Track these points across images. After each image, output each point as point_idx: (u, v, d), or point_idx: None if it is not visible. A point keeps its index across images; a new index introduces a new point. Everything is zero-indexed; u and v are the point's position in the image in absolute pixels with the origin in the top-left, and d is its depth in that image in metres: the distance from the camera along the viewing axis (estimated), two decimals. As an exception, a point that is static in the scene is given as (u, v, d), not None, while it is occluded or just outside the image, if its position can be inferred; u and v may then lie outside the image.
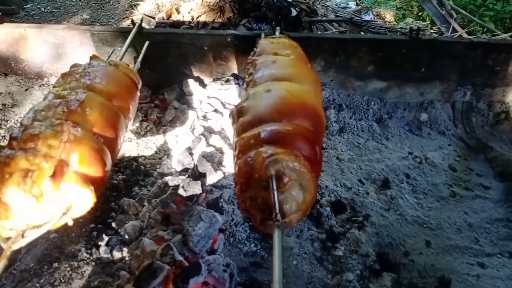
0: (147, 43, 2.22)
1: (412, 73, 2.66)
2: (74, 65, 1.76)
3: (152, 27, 4.05)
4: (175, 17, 4.23)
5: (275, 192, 1.15)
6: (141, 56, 2.11)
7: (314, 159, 1.29)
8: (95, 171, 1.40)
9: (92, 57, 1.81)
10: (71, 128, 1.40)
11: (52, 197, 1.27)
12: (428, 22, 5.28)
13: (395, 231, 1.96)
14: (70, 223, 1.36)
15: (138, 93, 1.87)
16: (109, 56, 1.98)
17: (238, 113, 1.44)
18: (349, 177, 2.23)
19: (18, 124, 2.36)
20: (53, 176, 1.26)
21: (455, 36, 4.14)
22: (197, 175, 1.95)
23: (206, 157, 2.02)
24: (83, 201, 1.36)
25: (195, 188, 1.84)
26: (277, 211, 1.15)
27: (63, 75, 1.70)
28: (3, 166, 1.25)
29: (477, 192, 2.27)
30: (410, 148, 2.53)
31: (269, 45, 1.89)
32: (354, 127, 2.60)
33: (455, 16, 4.89)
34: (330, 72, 2.63)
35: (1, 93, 2.54)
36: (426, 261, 1.84)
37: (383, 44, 2.59)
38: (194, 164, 2.02)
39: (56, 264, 1.67)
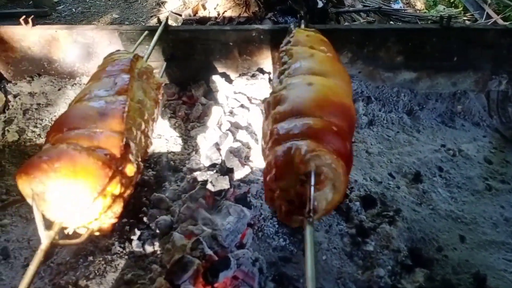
0: (164, 64, 2.32)
1: (444, 62, 2.57)
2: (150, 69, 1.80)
3: (179, 24, 4.10)
4: (201, 13, 4.26)
5: (312, 188, 1.14)
6: (162, 70, 2.17)
7: (348, 160, 1.28)
8: None
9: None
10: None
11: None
12: (461, 9, 5.08)
13: (427, 226, 1.91)
14: None
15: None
16: (134, 49, 2.02)
17: (275, 100, 1.43)
18: (379, 171, 2.19)
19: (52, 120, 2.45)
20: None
21: (489, 23, 3.98)
22: (225, 170, 1.97)
23: (234, 152, 2.03)
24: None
25: (223, 183, 1.86)
26: (311, 207, 1.14)
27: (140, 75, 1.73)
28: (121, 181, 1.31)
29: (514, 186, 2.18)
30: (443, 140, 2.45)
31: (304, 38, 1.86)
32: (383, 119, 2.55)
33: (489, 1, 4.70)
34: (357, 63, 2.58)
35: (36, 93, 2.63)
36: (460, 256, 1.79)
37: (412, 34, 2.51)
38: (221, 159, 2.04)
39: (91, 258, 1.73)
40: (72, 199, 1.22)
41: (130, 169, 1.37)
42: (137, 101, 1.58)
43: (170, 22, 4.32)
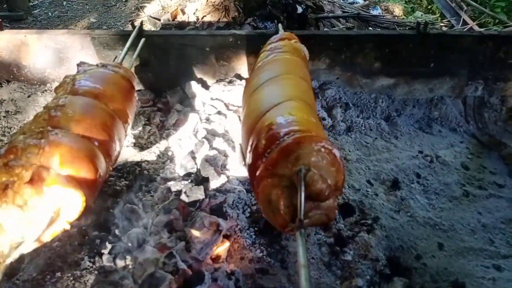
0: (142, 40, 2.19)
1: (421, 68, 2.59)
2: (66, 76, 1.74)
3: (158, 29, 4.04)
4: (180, 18, 4.22)
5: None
6: (136, 53, 2.07)
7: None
8: (83, 172, 1.36)
9: (79, 64, 1.78)
10: (49, 133, 1.36)
11: (37, 203, 1.25)
12: (438, 15, 5.17)
13: (406, 234, 1.89)
14: (67, 227, 1.33)
15: (136, 94, 1.83)
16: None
17: None
18: (357, 178, 2.17)
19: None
20: (31, 181, 1.24)
21: (465, 29, 4.04)
22: (200, 179, 1.91)
23: (209, 161, 1.98)
24: (73, 203, 1.32)
25: (198, 194, 1.81)
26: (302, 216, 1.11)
27: (55, 89, 1.68)
28: None
29: (491, 191, 2.19)
30: (420, 147, 2.45)
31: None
32: (361, 126, 2.53)
33: (465, 8, 4.79)
34: (335, 70, 2.57)
35: (4, 100, 2.53)
36: (438, 264, 1.78)
37: (389, 40, 2.52)
38: (197, 168, 1.98)
39: (58, 274, 1.64)
40: None
41: None
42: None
43: (148, 27, 4.27)
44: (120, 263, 1.65)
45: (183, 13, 4.24)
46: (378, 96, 2.64)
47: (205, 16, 4.01)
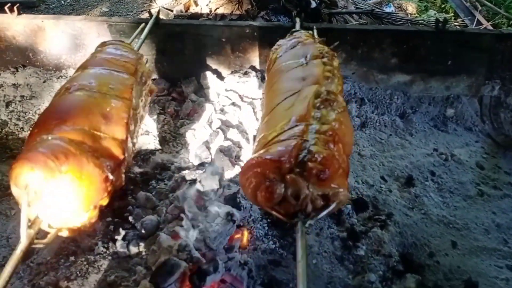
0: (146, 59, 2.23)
1: (438, 66, 2.56)
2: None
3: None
4: (193, 9, 4.20)
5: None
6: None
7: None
8: None
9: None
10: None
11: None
12: (452, 14, 5.12)
13: (419, 231, 1.89)
14: None
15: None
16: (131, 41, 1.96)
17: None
18: (371, 173, 2.16)
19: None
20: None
21: (480, 29, 4.00)
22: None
23: (224, 151, 1.98)
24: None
25: (213, 183, 1.80)
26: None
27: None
28: None
29: (505, 191, 2.17)
30: (435, 145, 2.44)
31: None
32: (376, 122, 2.52)
33: (479, 8, 4.74)
34: (351, 64, 2.55)
35: (20, 85, 2.53)
36: (452, 262, 1.77)
37: (407, 36, 2.49)
38: (211, 158, 1.98)
39: (72, 258, 1.65)
40: (65, 204, 1.16)
41: (120, 182, 1.32)
42: (133, 107, 1.49)
43: (161, 17, 4.26)
44: (133, 249, 1.66)
45: (196, 4, 4.22)
46: (393, 93, 2.62)
47: (218, 8, 3.99)
